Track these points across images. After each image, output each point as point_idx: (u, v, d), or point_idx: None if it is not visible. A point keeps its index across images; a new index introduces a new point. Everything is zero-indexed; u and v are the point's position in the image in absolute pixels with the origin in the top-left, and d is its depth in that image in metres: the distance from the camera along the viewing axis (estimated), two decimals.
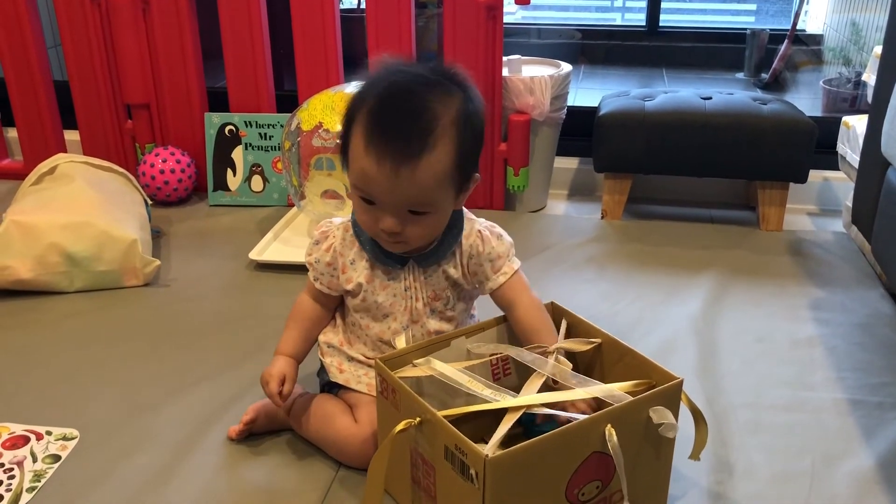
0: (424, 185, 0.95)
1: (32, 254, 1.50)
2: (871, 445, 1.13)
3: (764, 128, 1.76)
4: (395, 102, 0.96)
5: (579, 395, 0.95)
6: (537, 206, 1.99)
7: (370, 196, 0.98)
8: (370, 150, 0.94)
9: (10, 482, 1.06)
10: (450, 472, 0.88)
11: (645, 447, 0.94)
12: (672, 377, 0.95)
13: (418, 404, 0.90)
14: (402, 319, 1.08)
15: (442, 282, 1.07)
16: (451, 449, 0.86)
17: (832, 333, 1.41)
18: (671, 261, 1.69)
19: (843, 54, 2.78)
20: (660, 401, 0.92)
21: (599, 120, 1.84)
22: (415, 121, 0.94)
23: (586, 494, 0.91)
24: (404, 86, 0.97)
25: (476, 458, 0.83)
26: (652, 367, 0.98)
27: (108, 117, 2.03)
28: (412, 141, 0.94)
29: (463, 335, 1.04)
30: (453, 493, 0.89)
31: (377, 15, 1.83)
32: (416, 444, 0.93)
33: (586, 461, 0.89)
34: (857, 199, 1.61)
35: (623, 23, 3.88)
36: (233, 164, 1.98)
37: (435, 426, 0.88)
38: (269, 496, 1.04)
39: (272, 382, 1.07)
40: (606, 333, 1.05)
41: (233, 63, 1.93)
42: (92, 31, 1.94)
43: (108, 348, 1.37)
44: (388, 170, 0.94)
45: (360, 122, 0.96)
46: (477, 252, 1.06)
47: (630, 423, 0.91)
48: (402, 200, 0.96)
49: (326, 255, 1.08)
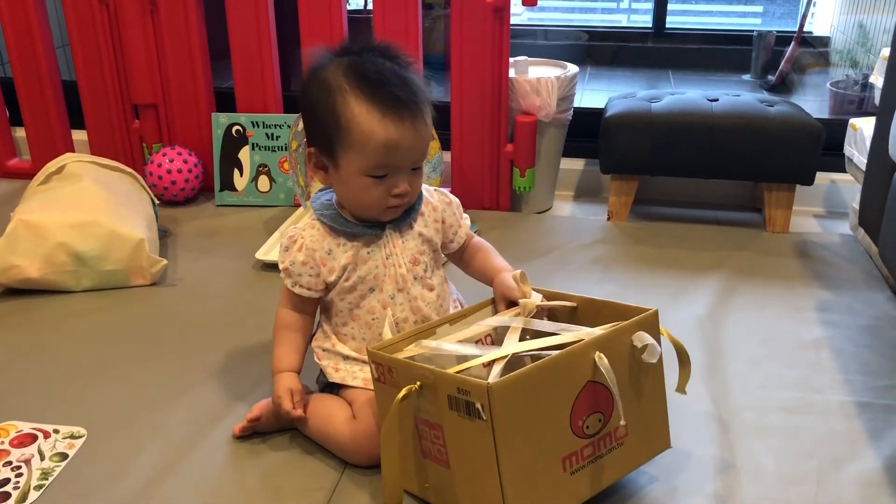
0: (428, 134, 1.05)
1: (40, 253, 1.51)
2: (879, 448, 1.12)
3: (771, 130, 1.76)
4: (379, 71, 1.02)
5: (563, 339, 0.98)
6: (543, 207, 1.99)
7: (394, 164, 1.03)
8: (387, 113, 1.00)
9: (18, 480, 1.06)
10: (457, 422, 0.90)
11: (636, 377, 0.98)
12: (647, 310, 1.00)
13: (416, 369, 0.93)
14: (389, 289, 1.09)
15: (419, 244, 1.11)
16: (454, 395, 0.89)
17: (839, 336, 1.41)
18: (677, 262, 1.69)
19: (850, 56, 2.78)
20: (638, 328, 0.97)
21: (606, 121, 1.84)
22: (405, 80, 1.03)
23: (591, 427, 0.94)
24: (372, 60, 1.03)
25: (479, 390, 0.85)
26: (630, 309, 1.02)
27: (116, 117, 2.04)
28: (416, 95, 1.03)
29: (447, 322, 1.07)
30: (465, 444, 0.91)
31: (384, 16, 1.83)
32: (419, 412, 0.95)
33: (583, 391, 0.93)
34: (864, 202, 1.60)
35: (629, 24, 3.87)
36: (240, 165, 1.98)
37: (435, 382, 0.91)
38: (275, 494, 1.04)
39: (284, 401, 1.09)
40: (581, 296, 1.09)
41: (240, 63, 1.93)
42: (100, 31, 1.95)
43: (115, 347, 1.38)
44: (410, 128, 1.02)
45: (356, 96, 1.01)
46: (446, 203, 1.15)
47: (615, 351, 0.95)
48: (419, 155, 1.05)
49: (300, 255, 1.09)
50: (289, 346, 1.13)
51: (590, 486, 0.96)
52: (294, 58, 1.98)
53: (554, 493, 0.92)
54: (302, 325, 1.14)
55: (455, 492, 0.95)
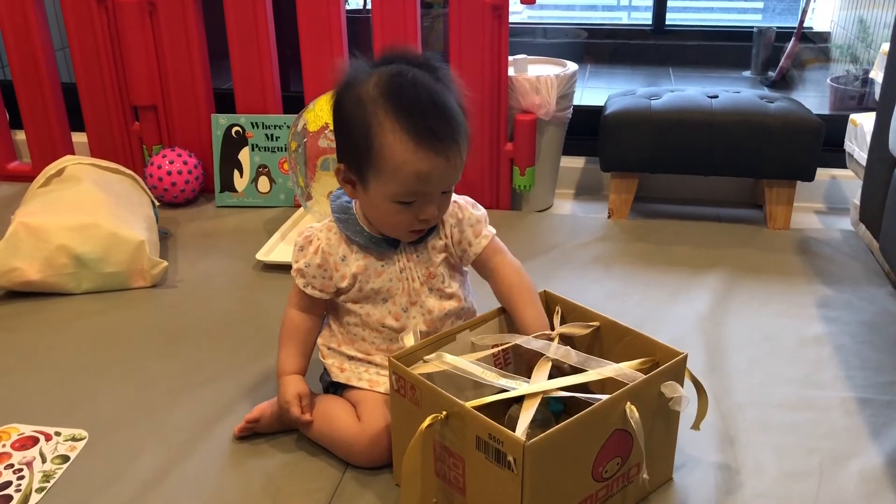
0: (461, 164, 1.02)
1: (40, 255, 1.51)
2: (880, 444, 1.12)
3: (771, 126, 1.75)
4: (418, 98, 0.98)
5: (593, 377, 0.97)
6: (544, 205, 1.99)
7: (423, 193, 1.00)
8: (422, 143, 0.97)
9: (20, 483, 1.06)
10: (482, 462, 0.89)
11: (656, 421, 0.97)
12: (675, 352, 0.98)
13: (443, 398, 0.91)
14: (401, 302, 1.09)
15: (433, 258, 1.09)
16: (483, 439, 0.87)
17: (840, 332, 1.41)
18: (678, 260, 1.68)
19: (850, 52, 2.77)
20: (669, 376, 0.96)
21: (606, 119, 1.84)
22: (443, 108, 0.99)
23: (609, 471, 0.94)
24: (413, 80, 0.99)
25: (514, 445, 0.84)
26: (654, 345, 1.01)
27: (116, 119, 2.04)
28: (452, 126, 0.99)
29: (467, 329, 1.06)
30: (487, 483, 0.90)
31: (383, 15, 1.83)
32: (442, 438, 0.94)
33: (609, 439, 0.92)
34: (864, 197, 1.60)
35: (629, 22, 3.87)
36: (239, 166, 1.98)
37: (464, 418, 0.89)
38: (277, 496, 1.04)
39: (292, 406, 1.08)
40: (604, 316, 1.08)
41: (239, 64, 1.93)
42: (99, 33, 1.95)
43: (115, 349, 1.38)
44: (443, 160, 0.99)
45: (392, 122, 0.97)
46: (458, 219, 1.11)
47: (644, 399, 0.94)
48: (449, 182, 1.02)
49: (316, 258, 1.08)
50: (295, 347, 1.12)
51: None
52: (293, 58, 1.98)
53: None
54: (310, 326, 1.13)
55: None
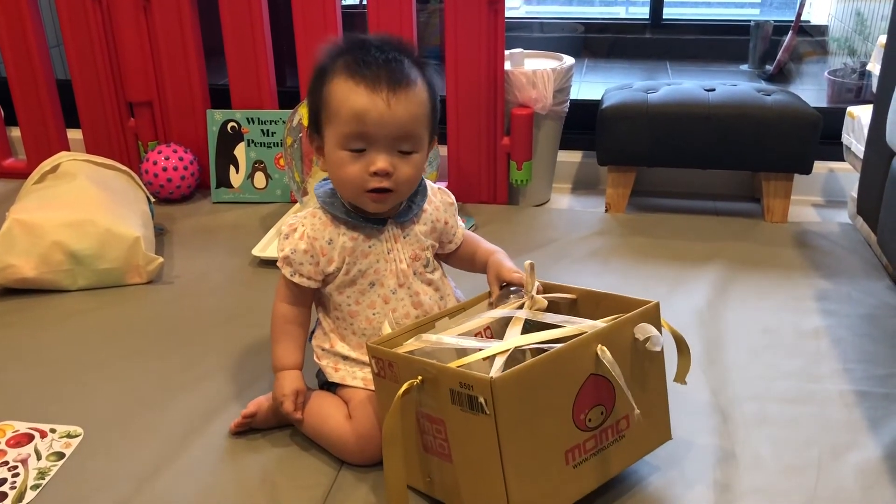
0: (413, 112, 1.02)
1: (36, 252, 1.50)
2: (878, 437, 1.12)
3: (768, 119, 1.75)
4: (372, 49, 1.03)
5: (564, 332, 0.97)
6: (541, 200, 1.99)
7: (364, 133, 1.01)
8: (361, 82, 1.00)
9: (15, 480, 1.06)
10: (459, 416, 0.89)
11: (636, 371, 0.98)
12: (648, 302, 0.99)
13: (417, 363, 0.93)
14: (390, 284, 1.09)
15: (420, 239, 1.11)
16: (456, 390, 0.88)
17: (838, 325, 1.40)
18: (676, 253, 1.68)
19: (847, 44, 2.77)
20: (640, 321, 0.97)
21: (602, 113, 1.83)
22: (396, 60, 1.02)
23: (593, 420, 0.94)
24: (373, 40, 1.04)
25: (482, 384, 0.85)
26: (631, 302, 1.02)
27: (111, 115, 2.03)
28: (401, 70, 1.01)
29: (446, 316, 1.06)
30: (467, 438, 0.90)
31: (378, 10, 1.82)
32: (421, 406, 0.94)
33: (585, 384, 0.93)
34: (862, 190, 1.60)
35: (627, 16, 3.86)
36: (235, 161, 1.98)
37: (436, 376, 0.90)
38: (273, 491, 1.04)
39: (287, 402, 1.08)
40: (581, 288, 1.09)
41: (234, 60, 1.92)
42: (93, 29, 1.94)
43: (111, 346, 1.37)
44: (383, 95, 1.00)
45: (340, 73, 1.02)
46: (446, 204, 1.15)
47: (617, 343, 0.95)
48: (395, 130, 1.01)
49: (301, 243, 1.08)
50: (289, 341, 1.12)
51: (592, 479, 0.96)
52: (289, 53, 1.97)
53: (557, 486, 0.92)
54: (301, 318, 1.13)
55: (458, 486, 0.95)
